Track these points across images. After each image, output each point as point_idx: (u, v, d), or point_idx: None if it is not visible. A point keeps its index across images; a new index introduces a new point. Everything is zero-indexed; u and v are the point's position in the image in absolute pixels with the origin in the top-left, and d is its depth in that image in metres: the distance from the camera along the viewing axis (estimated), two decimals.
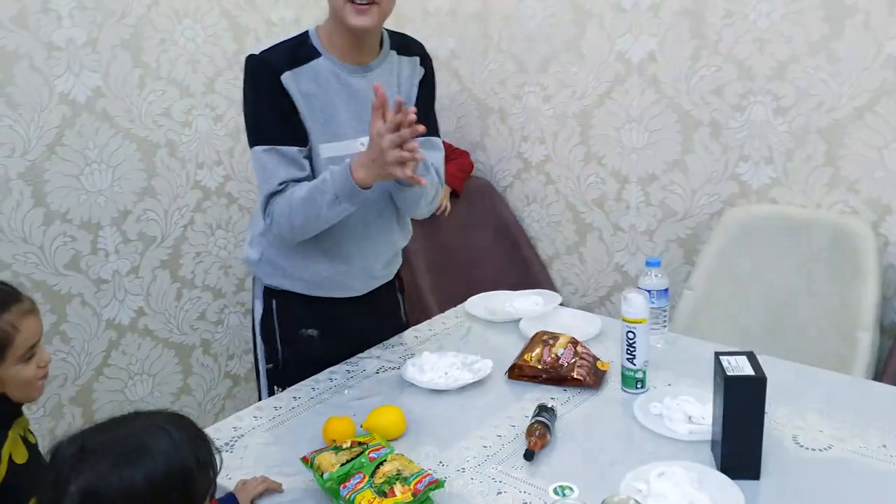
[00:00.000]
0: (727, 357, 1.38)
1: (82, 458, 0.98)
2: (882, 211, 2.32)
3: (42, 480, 1.01)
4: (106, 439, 1.00)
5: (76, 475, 0.96)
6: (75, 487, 0.96)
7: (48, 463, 1.01)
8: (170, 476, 0.99)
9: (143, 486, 0.97)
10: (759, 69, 2.42)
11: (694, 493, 1.27)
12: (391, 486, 1.25)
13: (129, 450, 0.98)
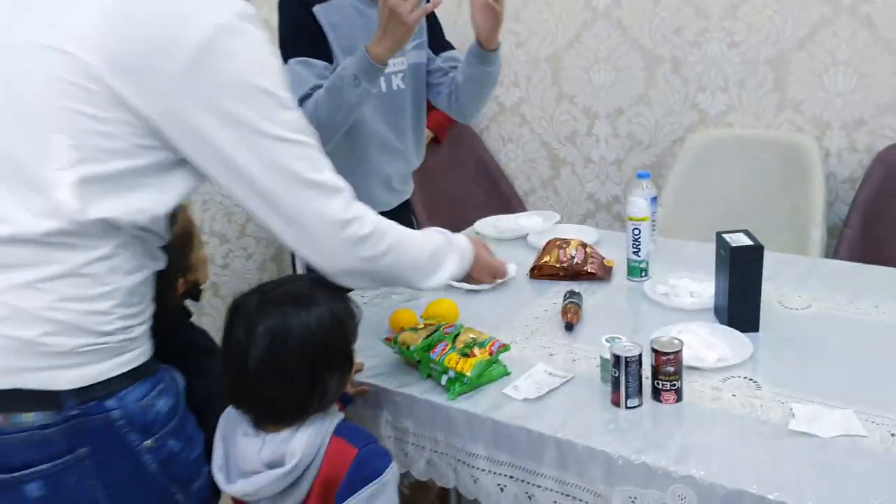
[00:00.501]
0: (727, 234, 1.65)
1: (265, 306, 1.19)
2: (823, 127, 2.64)
3: (229, 326, 1.22)
4: (282, 292, 1.22)
5: (263, 318, 1.18)
6: (263, 328, 1.18)
7: (232, 312, 1.22)
8: (332, 319, 1.22)
9: (315, 326, 1.19)
10: (713, 9, 2.69)
11: (711, 341, 1.55)
12: (471, 349, 1.48)
13: (301, 300, 1.20)
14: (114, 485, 1.12)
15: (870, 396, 1.34)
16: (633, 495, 1.25)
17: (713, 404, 1.37)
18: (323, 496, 1.22)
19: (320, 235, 1.15)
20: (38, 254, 1.03)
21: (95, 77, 1.00)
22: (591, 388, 1.45)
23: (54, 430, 1.06)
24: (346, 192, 1.18)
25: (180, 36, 1.01)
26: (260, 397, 1.21)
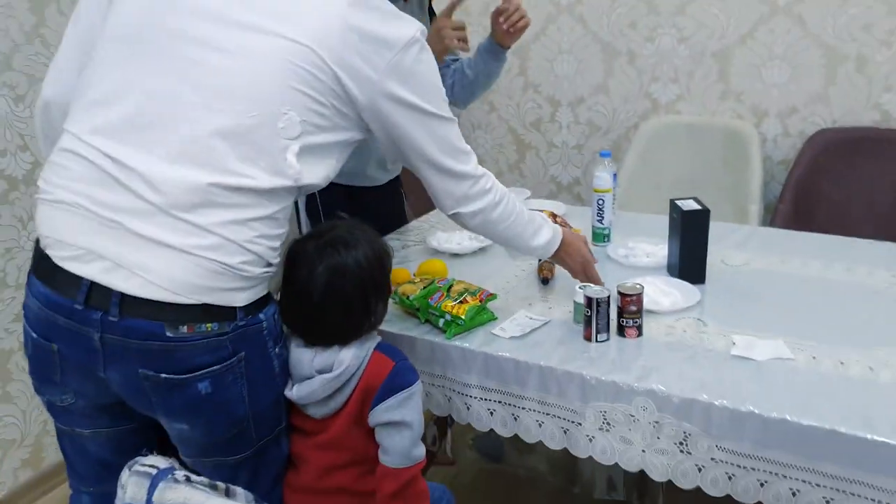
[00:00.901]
0: (679, 200, 1.90)
1: (322, 247, 1.40)
2: (761, 115, 2.91)
3: (290, 268, 1.42)
4: (330, 237, 1.42)
5: (320, 258, 1.39)
6: (322, 266, 1.38)
7: (290, 254, 1.42)
8: (376, 255, 1.44)
9: (364, 262, 1.41)
10: (665, 7, 2.94)
11: (666, 289, 1.80)
12: (463, 297, 1.70)
13: (349, 242, 1.42)
14: (253, 382, 1.33)
15: (795, 330, 1.60)
16: (603, 409, 1.49)
17: (668, 338, 1.61)
18: (362, 400, 1.43)
19: (459, 186, 1.49)
20: (256, 200, 1.26)
21: (324, 68, 1.26)
22: (566, 328, 1.68)
23: (226, 337, 1.26)
24: (474, 157, 1.53)
25: (388, 43, 1.31)
26: (322, 322, 1.41)
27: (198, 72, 1.25)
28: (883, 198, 2.66)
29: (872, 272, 1.88)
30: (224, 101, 1.24)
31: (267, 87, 1.25)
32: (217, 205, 1.23)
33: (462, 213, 1.51)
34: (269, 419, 1.41)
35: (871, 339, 1.55)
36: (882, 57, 2.66)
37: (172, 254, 1.21)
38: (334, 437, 1.46)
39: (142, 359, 1.23)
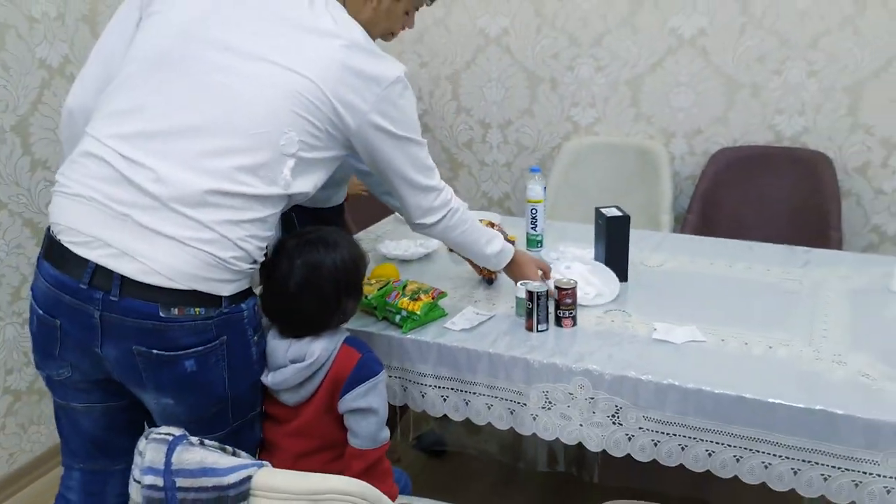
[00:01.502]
0: (603, 208, 2.08)
1: (304, 245, 1.52)
2: (669, 135, 3.15)
3: (273, 261, 1.52)
4: (315, 236, 1.54)
5: (300, 254, 1.50)
6: (301, 262, 1.50)
7: (276, 249, 1.53)
8: (352, 259, 1.55)
9: (340, 262, 1.53)
10: (584, 38, 3.15)
11: (589, 277, 1.97)
12: (418, 295, 1.84)
13: (329, 242, 1.53)
14: (233, 366, 1.45)
15: (706, 317, 1.79)
16: (545, 389, 1.64)
17: (598, 327, 1.78)
18: (331, 389, 1.54)
19: (427, 199, 1.65)
20: (251, 204, 1.40)
21: (323, 99, 1.43)
22: (510, 321, 1.83)
23: (212, 321, 1.39)
24: (437, 172, 1.68)
25: (377, 80, 1.48)
26: (296, 312, 1.53)
27: (215, 94, 1.39)
28: (776, 207, 2.92)
29: (769, 269, 2.10)
30: (237, 120, 1.38)
31: (273, 111, 1.40)
32: (216, 205, 1.36)
33: (426, 222, 1.68)
34: (245, 403, 1.52)
35: (769, 323, 1.76)
36: (774, 84, 2.93)
37: (173, 244, 1.33)
38: (305, 424, 1.57)
39: (137, 336, 1.34)
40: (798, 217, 2.86)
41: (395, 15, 1.74)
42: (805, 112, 2.91)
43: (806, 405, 1.42)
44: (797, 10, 2.82)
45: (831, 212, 2.74)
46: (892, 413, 1.39)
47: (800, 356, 1.61)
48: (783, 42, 2.87)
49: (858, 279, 2.01)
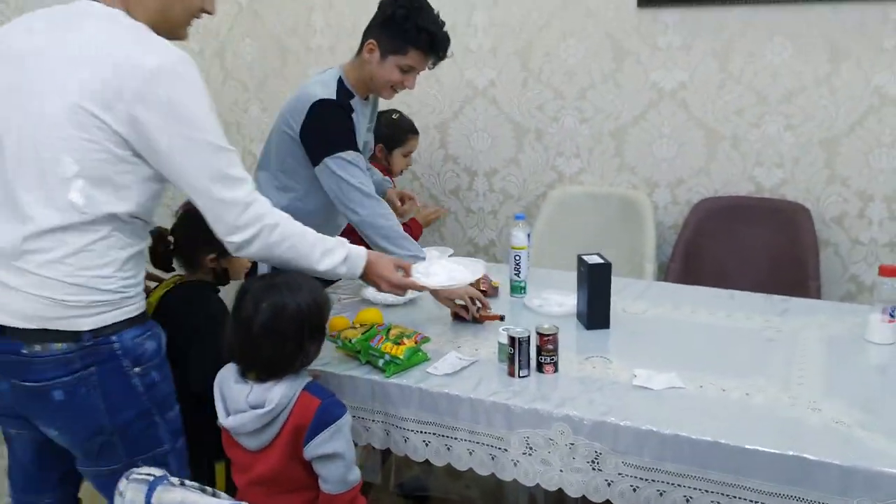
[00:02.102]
0: (585, 255, 2.12)
1: (269, 287, 1.54)
2: (653, 186, 3.21)
3: (239, 301, 1.55)
4: (280, 280, 1.56)
5: (266, 297, 1.52)
6: (266, 304, 1.52)
7: (241, 290, 1.55)
8: (315, 303, 1.57)
9: (304, 306, 1.55)
10: (568, 92, 3.23)
11: (453, 266, 2.02)
12: (401, 339, 1.86)
13: (294, 286, 1.55)
14: (110, 395, 1.49)
15: (686, 364, 1.82)
16: (526, 435, 1.65)
17: (580, 373, 1.80)
18: (293, 439, 1.55)
19: (229, 213, 1.52)
20: (65, 237, 1.41)
21: (94, 115, 1.38)
22: (492, 366, 1.85)
23: (75, 354, 1.45)
24: (248, 184, 1.54)
25: (135, 74, 1.39)
26: (258, 355, 1.55)
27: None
28: (757, 257, 2.97)
29: (749, 317, 2.13)
30: (19, 154, 1.42)
31: (48, 137, 1.40)
32: (32, 251, 1.41)
33: (235, 241, 1.53)
34: (140, 437, 1.55)
35: (748, 370, 1.79)
36: (753, 137, 3.00)
37: (14, 293, 1.44)
38: (271, 471, 1.59)
39: (11, 370, 1.46)
40: (778, 266, 2.91)
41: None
42: (783, 164, 2.98)
43: (781, 451, 1.44)
44: (773, 67, 2.91)
45: (809, 262, 2.79)
46: (864, 460, 1.41)
47: (776, 402, 1.63)
48: (761, 97, 2.95)
49: (835, 328, 2.04)
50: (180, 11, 1.57)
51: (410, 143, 3.16)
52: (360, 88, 2.26)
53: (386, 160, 3.11)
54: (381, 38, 2.17)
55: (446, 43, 2.18)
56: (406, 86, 2.22)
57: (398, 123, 3.13)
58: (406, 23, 2.11)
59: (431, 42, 2.14)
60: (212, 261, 1.91)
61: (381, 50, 2.17)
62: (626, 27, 3.07)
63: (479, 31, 3.31)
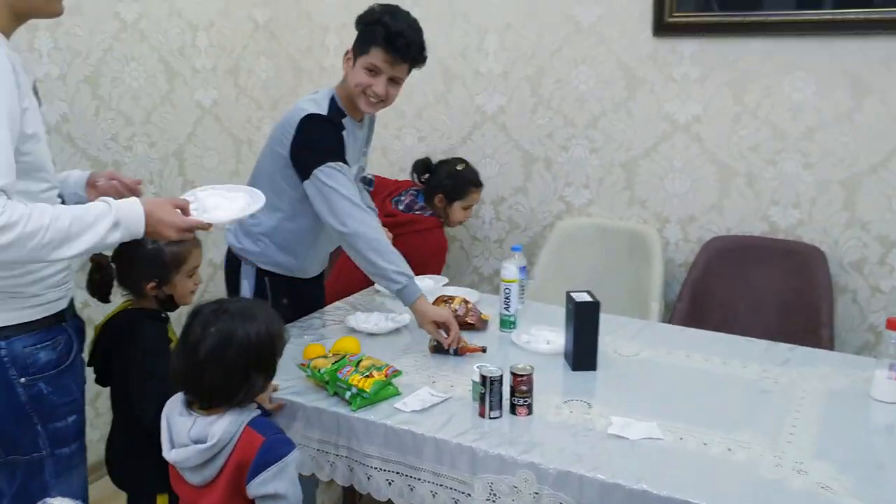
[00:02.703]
0: (574, 292, 2.03)
1: (220, 313, 1.48)
2: (663, 221, 3.10)
3: (188, 325, 1.49)
4: (234, 306, 1.50)
5: (215, 322, 1.46)
6: (214, 329, 1.46)
7: (192, 313, 1.49)
8: (267, 334, 1.50)
9: (254, 336, 1.48)
10: (579, 120, 3.15)
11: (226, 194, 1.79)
12: (370, 372, 1.78)
13: (248, 314, 1.49)
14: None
15: (669, 413, 1.72)
16: (490, 480, 1.56)
17: (555, 417, 1.71)
18: (236, 477, 1.48)
19: None
20: None
21: None
22: (465, 405, 1.76)
23: None
24: None
25: None
26: (202, 382, 1.48)
27: None
28: (768, 300, 2.85)
29: (746, 365, 2.02)
30: None
31: None
32: None
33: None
34: (18, 440, 1.58)
35: (734, 423, 1.68)
36: (769, 175, 2.89)
37: None
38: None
39: None
40: (789, 311, 2.78)
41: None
42: (800, 204, 2.86)
43: None
44: (792, 102, 2.80)
45: (823, 308, 2.66)
46: None
47: (759, 461, 1.52)
48: (778, 133, 2.85)
49: (838, 381, 1.92)
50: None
51: (472, 196, 3.11)
52: (351, 108, 2.23)
53: (445, 211, 3.07)
54: (355, 44, 2.18)
55: (407, 39, 2.10)
56: (375, 90, 2.15)
57: (462, 175, 3.08)
58: (371, 24, 2.13)
59: (387, 35, 2.08)
60: (152, 289, 1.84)
61: (353, 56, 2.18)
62: (641, 55, 3.00)
63: (489, 55, 3.26)
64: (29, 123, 1.46)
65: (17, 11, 1.52)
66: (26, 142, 1.46)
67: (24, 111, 1.44)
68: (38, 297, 1.55)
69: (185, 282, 1.85)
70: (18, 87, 1.42)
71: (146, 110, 3.07)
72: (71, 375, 1.62)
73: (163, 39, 3.11)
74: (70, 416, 1.63)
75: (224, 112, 3.45)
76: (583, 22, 3.06)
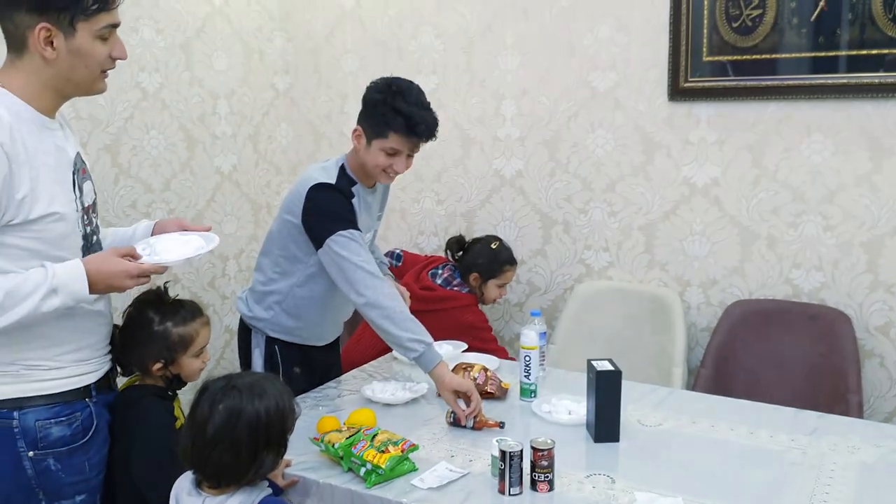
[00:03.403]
0: (595, 361, 1.99)
1: (229, 389, 1.46)
2: (684, 284, 3.07)
3: (196, 403, 1.47)
4: (242, 381, 1.48)
5: (224, 399, 1.44)
6: (223, 407, 1.44)
7: (200, 390, 1.48)
8: (277, 411, 1.48)
9: (264, 413, 1.46)
10: (597, 184, 3.15)
11: (180, 239, 1.75)
12: (386, 447, 1.75)
13: (257, 390, 1.47)
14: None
15: (695, 488, 1.66)
16: None
17: (578, 493, 1.66)
18: None
19: None
20: None
21: None
22: (484, 481, 1.72)
23: None
24: None
25: None
26: (210, 461, 1.46)
27: None
28: (794, 365, 2.79)
29: (774, 436, 1.96)
30: None
31: None
32: None
33: None
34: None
35: (762, 498, 1.63)
36: (790, 237, 2.86)
37: None
38: None
39: None
40: (816, 377, 2.72)
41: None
42: (822, 267, 2.82)
43: None
44: (811, 165, 2.79)
45: (850, 374, 2.60)
46: None
47: None
48: (798, 195, 2.83)
49: (869, 452, 1.86)
50: (85, 72, 1.55)
51: (507, 274, 3.11)
52: (362, 176, 2.26)
53: (480, 289, 3.07)
54: (364, 124, 2.19)
55: (427, 124, 2.14)
56: (396, 169, 2.19)
57: (497, 254, 3.08)
58: (383, 107, 2.13)
59: (408, 124, 2.12)
60: (158, 370, 1.81)
61: (366, 136, 2.19)
62: (657, 120, 3.01)
63: (507, 121, 3.29)
64: (39, 205, 1.50)
65: (62, 93, 1.58)
66: (35, 222, 1.50)
67: (23, 199, 1.48)
68: (60, 370, 1.56)
69: (193, 361, 1.83)
70: (12, 177, 1.45)
71: (165, 178, 3.12)
72: (84, 454, 1.61)
73: (183, 108, 3.17)
74: (78, 496, 1.60)
75: (243, 178, 3.50)
76: (598, 88, 3.09)
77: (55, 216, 1.52)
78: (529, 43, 3.19)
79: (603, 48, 3.06)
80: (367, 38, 3.55)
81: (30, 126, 1.51)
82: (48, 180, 1.51)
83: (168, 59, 3.10)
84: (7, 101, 1.49)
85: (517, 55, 3.23)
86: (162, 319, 1.78)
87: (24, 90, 1.52)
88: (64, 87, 1.56)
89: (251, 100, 3.52)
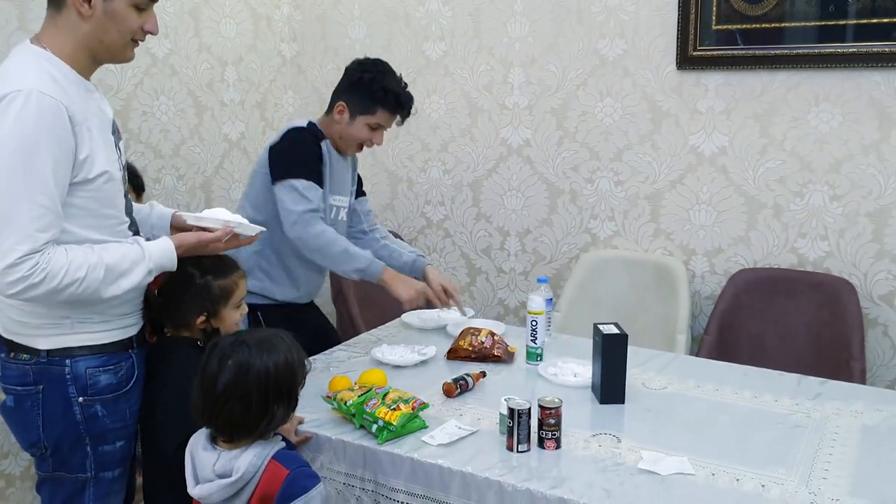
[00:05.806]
0: (601, 325, 2.02)
1: (238, 345, 1.48)
2: (689, 253, 3.09)
3: (206, 359, 1.50)
4: (252, 337, 1.51)
5: (233, 354, 1.47)
6: (232, 362, 1.46)
7: (210, 347, 1.50)
8: (286, 364, 1.51)
9: (273, 367, 1.49)
10: (604, 153, 3.17)
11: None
12: (397, 405, 1.78)
13: (266, 345, 1.50)
14: (49, 415, 1.62)
15: (700, 448, 1.69)
16: None
17: (584, 451, 1.69)
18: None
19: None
20: None
21: None
22: (492, 438, 1.75)
23: (31, 368, 1.60)
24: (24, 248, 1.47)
25: None
26: (222, 415, 1.48)
27: None
28: (797, 333, 2.81)
29: (778, 399, 1.99)
30: None
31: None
32: None
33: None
34: (67, 458, 1.66)
35: (767, 459, 1.65)
36: (796, 206, 2.87)
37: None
38: None
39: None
40: (819, 345, 2.74)
41: None
42: (828, 236, 2.84)
43: None
44: (819, 134, 2.79)
45: (854, 341, 2.62)
46: None
47: (794, 497, 1.49)
48: (804, 165, 2.83)
49: (872, 416, 1.89)
50: (116, 36, 1.60)
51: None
52: (334, 142, 2.37)
53: None
54: (350, 99, 2.31)
55: (411, 101, 2.34)
56: (375, 142, 2.36)
57: None
58: (373, 85, 2.29)
59: (397, 101, 2.30)
60: (202, 322, 1.83)
61: (350, 111, 2.31)
62: (665, 89, 3.01)
63: (515, 89, 3.29)
64: (97, 165, 1.56)
65: (96, 56, 1.63)
66: (92, 182, 1.57)
67: (85, 159, 1.54)
68: (108, 322, 1.65)
69: (233, 313, 1.85)
70: (75, 137, 1.52)
71: (175, 143, 3.13)
72: (127, 402, 1.69)
73: (192, 74, 3.18)
74: (118, 442, 1.69)
75: (251, 145, 3.50)
76: (607, 56, 3.09)
77: (106, 175, 1.59)
78: (538, 10, 3.18)
79: (612, 16, 3.05)
80: (375, 4, 3.54)
81: (77, 87, 1.57)
82: (99, 141, 1.58)
83: (178, 24, 3.10)
84: (56, 63, 1.55)
85: (526, 22, 3.22)
86: (202, 274, 1.80)
87: (64, 50, 1.57)
88: (97, 49, 1.60)
89: (258, 67, 3.52)
